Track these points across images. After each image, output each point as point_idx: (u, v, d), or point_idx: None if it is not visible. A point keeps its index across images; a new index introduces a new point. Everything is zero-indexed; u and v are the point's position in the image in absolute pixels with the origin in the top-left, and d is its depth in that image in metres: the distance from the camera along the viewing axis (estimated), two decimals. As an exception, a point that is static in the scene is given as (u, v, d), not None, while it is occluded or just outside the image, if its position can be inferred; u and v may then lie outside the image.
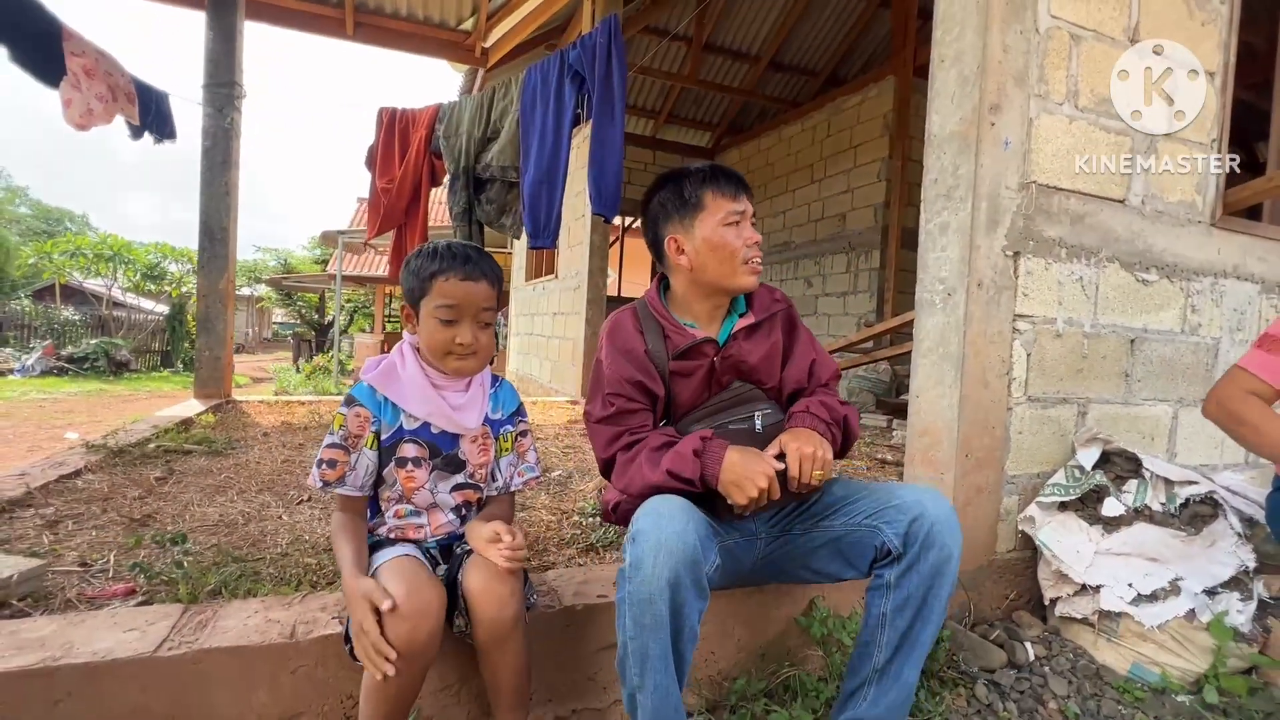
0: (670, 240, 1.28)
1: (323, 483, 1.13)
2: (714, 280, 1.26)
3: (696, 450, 1.12)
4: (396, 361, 1.18)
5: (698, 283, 1.28)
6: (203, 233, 4.31)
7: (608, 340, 1.28)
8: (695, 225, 1.25)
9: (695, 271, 1.26)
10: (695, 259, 1.25)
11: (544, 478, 2.57)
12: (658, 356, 1.26)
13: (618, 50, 3.26)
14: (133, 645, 1.07)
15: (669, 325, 1.28)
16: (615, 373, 1.24)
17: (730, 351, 1.28)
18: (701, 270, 1.26)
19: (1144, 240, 1.90)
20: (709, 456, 1.11)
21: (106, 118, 3.78)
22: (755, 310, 1.33)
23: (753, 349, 1.30)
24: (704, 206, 1.24)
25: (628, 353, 1.25)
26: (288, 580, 1.47)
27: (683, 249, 1.27)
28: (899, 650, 1.12)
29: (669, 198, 1.28)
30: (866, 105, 6.36)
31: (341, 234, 11.30)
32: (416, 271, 1.15)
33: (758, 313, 1.32)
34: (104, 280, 14.56)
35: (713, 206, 1.24)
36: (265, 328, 27.30)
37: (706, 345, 1.27)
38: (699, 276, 1.27)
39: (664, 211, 1.29)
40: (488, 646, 1.06)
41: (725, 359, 1.28)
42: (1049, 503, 1.72)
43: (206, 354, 4.39)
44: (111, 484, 2.20)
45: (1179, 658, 1.48)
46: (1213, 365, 2.05)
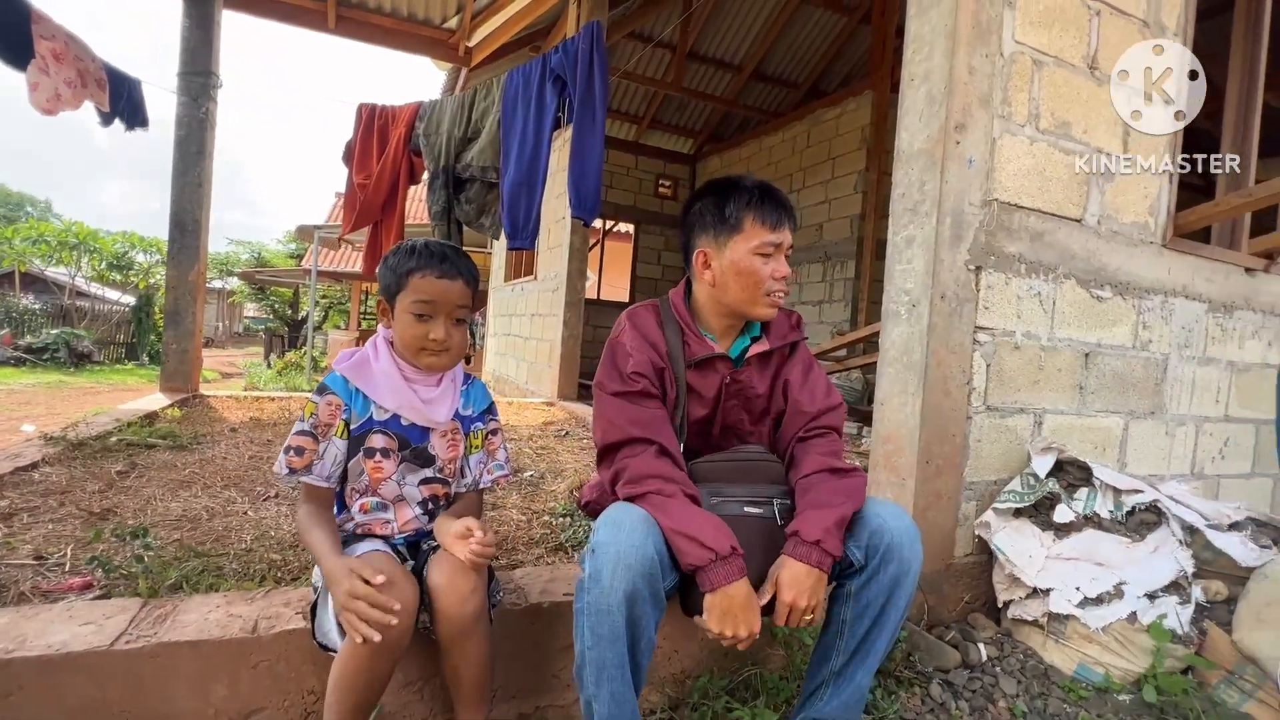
0: (700, 253, 1.27)
1: (289, 469, 1.13)
2: (732, 304, 1.26)
3: (719, 555, 1.03)
4: (370, 354, 1.19)
5: (717, 300, 1.28)
6: (174, 223, 4.22)
7: (630, 325, 1.27)
8: (728, 246, 1.23)
9: (716, 289, 1.26)
10: (719, 278, 1.25)
11: (516, 478, 2.58)
12: (677, 360, 1.26)
13: (600, 56, 3.29)
14: (89, 638, 1.06)
15: (689, 332, 1.28)
16: (640, 355, 1.22)
17: (741, 377, 1.28)
18: (723, 290, 1.25)
19: (1099, 259, 1.98)
20: (723, 569, 1.03)
21: (75, 103, 3.69)
22: (771, 336, 1.31)
23: (761, 380, 1.30)
24: (741, 229, 1.22)
25: (652, 343, 1.25)
26: (251, 576, 1.46)
27: (709, 264, 1.26)
28: (855, 655, 1.16)
29: (709, 209, 1.25)
30: (845, 118, 6.49)
31: (318, 229, 11.13)
32: (394, 267, 1.17)
33: (773, 340, 1.31)
34: (67, 269, 14.10)
35: (750, 232, 1.21)
36: (236, 322, 26.71)
37: (720, 362, 1.28)
38: (719, 295, 1.26)
39: (701, 221, 1.27)
40: (449, 642, 1.07)
41: (734, 383, 1.28)
42: (1005, 509, 1.78)
43: (174, 347, 4.30)
44: (70, 477, 2.15)
45: (1121, 658, 1.54)
46: (1161, 380, 2.15)
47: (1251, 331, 2.36)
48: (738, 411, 1.31)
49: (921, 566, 1.67)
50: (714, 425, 1.32)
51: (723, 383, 1.28)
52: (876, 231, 6.03)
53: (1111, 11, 1.96)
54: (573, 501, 2.22)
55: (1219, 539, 1.67)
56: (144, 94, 4.30)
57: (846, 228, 6.41)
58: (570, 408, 4.81)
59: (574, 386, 5.29)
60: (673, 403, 1.26)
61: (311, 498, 1.16)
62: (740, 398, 1.29)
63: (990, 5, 1.73)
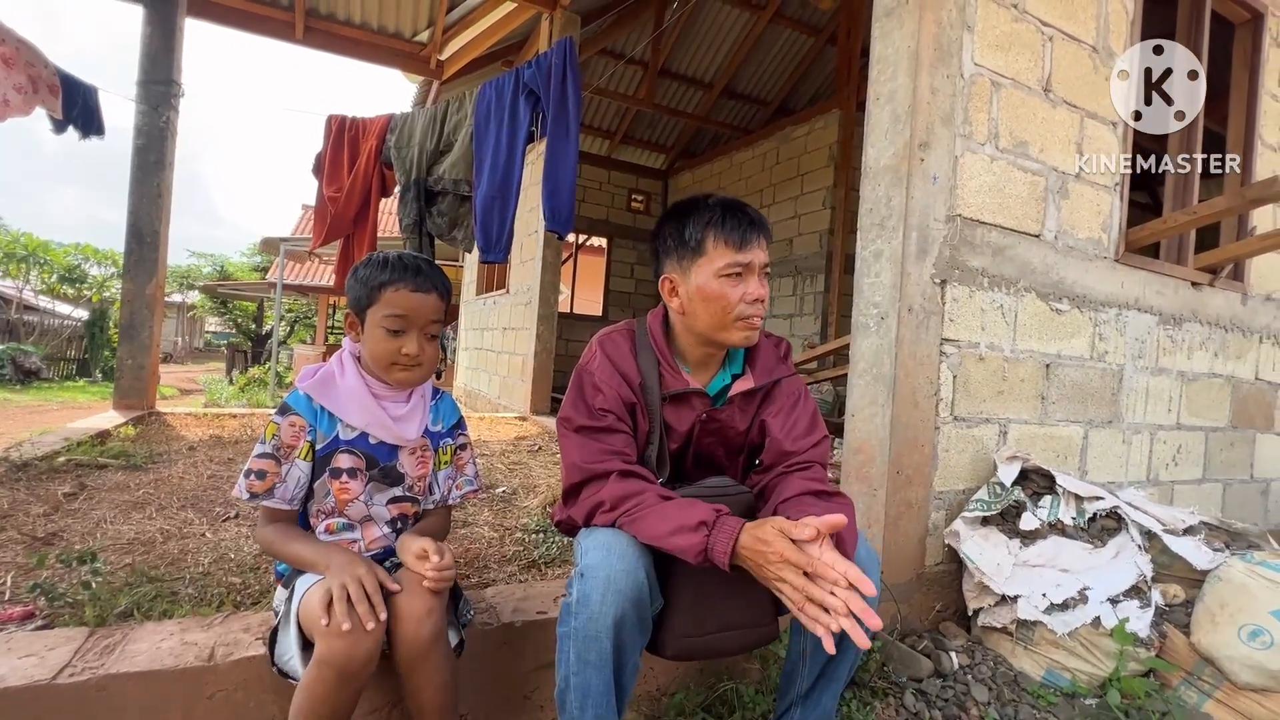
0: (665, 280, 1.19)
1: (249, 494, 1.09)
2: (703, 331, 1.17)
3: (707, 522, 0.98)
4: (335, 370, 1.16)
5: (688, 328, 1.19)
6: (131, 235, 4.08)
7: (601, 352, 1.19)
8: (692, 271, 1.14)
9: (686, 317, 1.18)
10: (687, 305, 1.16)
11: (488, 494, 2.53)
12: (651, 392, 1.17)
13: (573, 72, 3.31)
14: (28, 672, 1.00)
15: (665, 362, 1.19)
16: (610, 389, 1.14)
17: (720, 415, 1.20)
18: (692, 318, 1.16)
19: (1057, 272, 2.05)
20: (722, 533, 0.97)
21: (25, 109, 3.55)
22: (756, 372, 1.22)
23: (742, 418, 1.22)
24: (704, 252, 1.12)
25: (623, 374, 1.16)
26: (209, 600, 1.40)
27: (676, 291, 1.17)
28: (819, 680, 1.17)
29: (671, 232, 1.17)
30: (813, 136, 6.64)
31: (284, 241, 10.88)
32: (365, 280, 1.13)
33: (758, 376, 1.21)
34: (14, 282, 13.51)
35: (713, 253, 1.12)
36: (197, 337, 25.87)
37: (696, 398, 1.19)
38: (690, 323, 1.18)
39: (664, 247, 1.19)
40: (408, 666, 1.04)
41: (712, 421, 1.21)
42: (973, 517, 1.81)
43: (129, 362, 4.13)
44: (13, 500, 2.04)
45: (1086, 663, 1.57)
46: (1118, 390, 2.22)
47: (1199, 342, 2.47)
48: (714, 447, 1.25)
49: (891, 574, 1.69)
50: (686, 458, 1.26)
51: (697, 419, 1.20)
52: (845, 246, 6.15)
53: (1063, 37, 2.05)
54: (546, 517, 2.19)
55: (1175, 543, 1.72)
56: (100, 101, 4.17)
57: (816, 242, 6.53)
58: (543, 422, 4.77)
59: (546, 401, 5.24)
60: (644, 435, 1.19)
61: (274, 519, 1.12)
62: (718, 435, 1.23)
63: (951, 28, 1.79)
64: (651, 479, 1.13)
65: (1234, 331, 2.60)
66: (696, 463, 1.28)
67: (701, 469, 1.28)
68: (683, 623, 1.08)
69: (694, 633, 1.08)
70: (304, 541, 1.10)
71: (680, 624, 1.08)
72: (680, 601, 1.09)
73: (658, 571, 1.07)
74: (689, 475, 1.28)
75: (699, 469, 1.28)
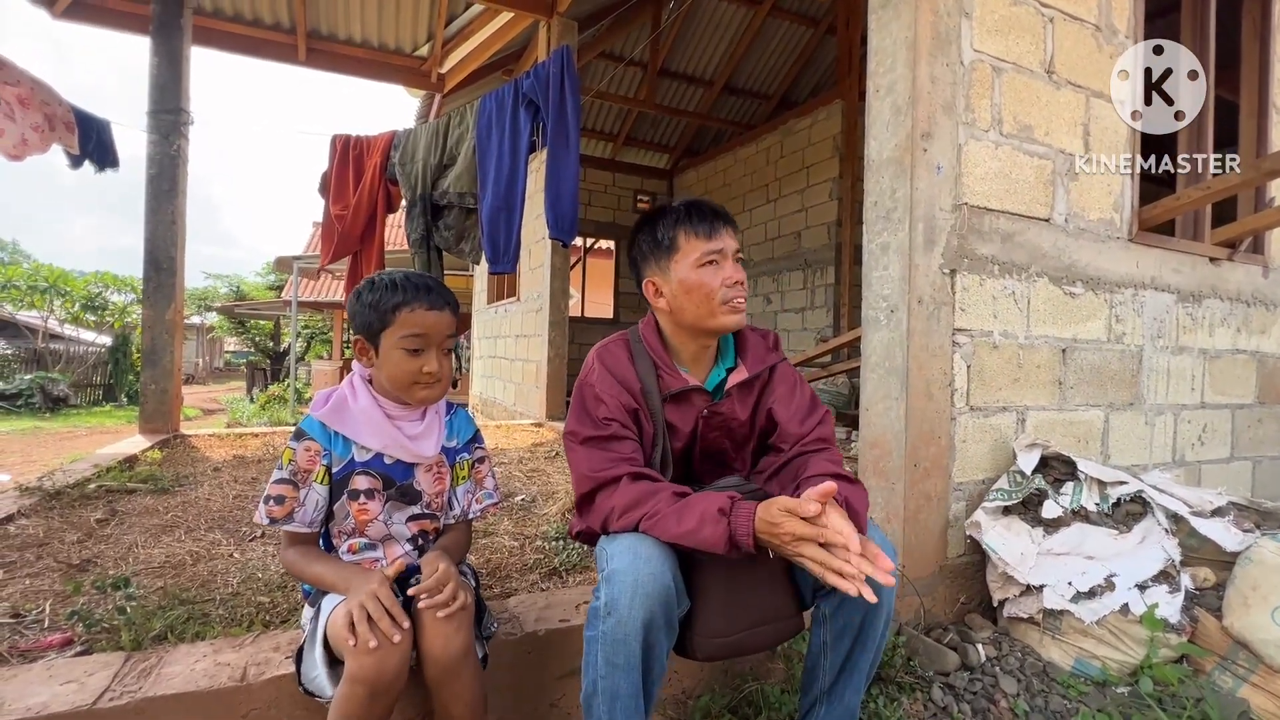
0: (648, 284, 1.25)
1: (269, 519, 1.11)
2: (693, 322, 1.21)
3: (724, 509, 1.01)
4: (347, 394, 1.17)
5: (679, 325, 1.24)
6: (148, 262, 4.17)
7: (599, 362, 1.24)
8: (671, 267, 1.21)
9: (674, 314, 1.23)
10: (673, 301, 1.22)
11: (507, 502, 2.55)
12: (652, 395, 1.21)
13: (571, 80, 3.33)
14: (70, 698, 1.03)
15: (662, 365, 1.24)
16: (612, 398, 1.18)
17: (721, 409, 1.25)
18: (680, 313, 1.22)
19: (1069, 256, 2.03)
20: (741, 517, 1.00)
21: (43, 147, 3.65)
22: (748, 363, 1.27)
23: (743, 408, 1.26)
24: (678, 248, 1.20)
25: (623, 380, 1.20)
26: (239, 620, 1.43)
27: (660, 291, 1.23)
28: (841, 673, 1.17)
29: (644, 239, 1.25)
30: (817, 128, 6.60)
31: (296, 259, 11.05)
32: (374, 304, 1.13)
33: (751, 366, 1.27)
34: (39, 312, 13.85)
35: (686, 247, 1.20)
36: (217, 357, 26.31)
37: (696, 394, 1.24)
38: (679, 319, 1.23)
39: (642, 254, 1.26)
40: (436, 682, 1.05)
41: (714, 415, 1.24)
42: (994, 507, 1.79)
43: (152, 387, 4.22)
44: (48, 528, 2.09)
45: (1117, 650, 1.55)
46: (1137, 371, 2.19)
47: (1220, 319, 2.42)
48: (720, 440, 1.28)
49: (913, 567, 1.68)
50: (693, 454, 1.28)
51: (699, 415, 1.24)
52: (854, 237, 6.10)
53: (1064, 18, 2.02)
54: (565, 524, 2.21)
55: (1203, 525, 1.69)
56: (114, 134, 4.27)
57: (824, 235, 6.49)
58: (559, 427, 4.79)
59: (562, 406, 5.27)
60: (650, 439, 1.22)
61: (296, 542, 1.14)
62: (722, 429, 1.26)
63: (948, 16, 1.77)
64: (660, 476, 1.16)
65: (1256, 306, 2.54)
66: (704, 458, 1.29)
67: (709, 463, 1.30)
68: (712, 623, 1.09)
69: (725, 632, 1.09)
70: (325, 563, 1.12)
71: (710, 625, 1.09)
72: (708, 602, 1.10)
73: (684, 573, 1.09)
74: (697, 471, 1.30)
75: (707, 464, 1.30)
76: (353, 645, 0.95)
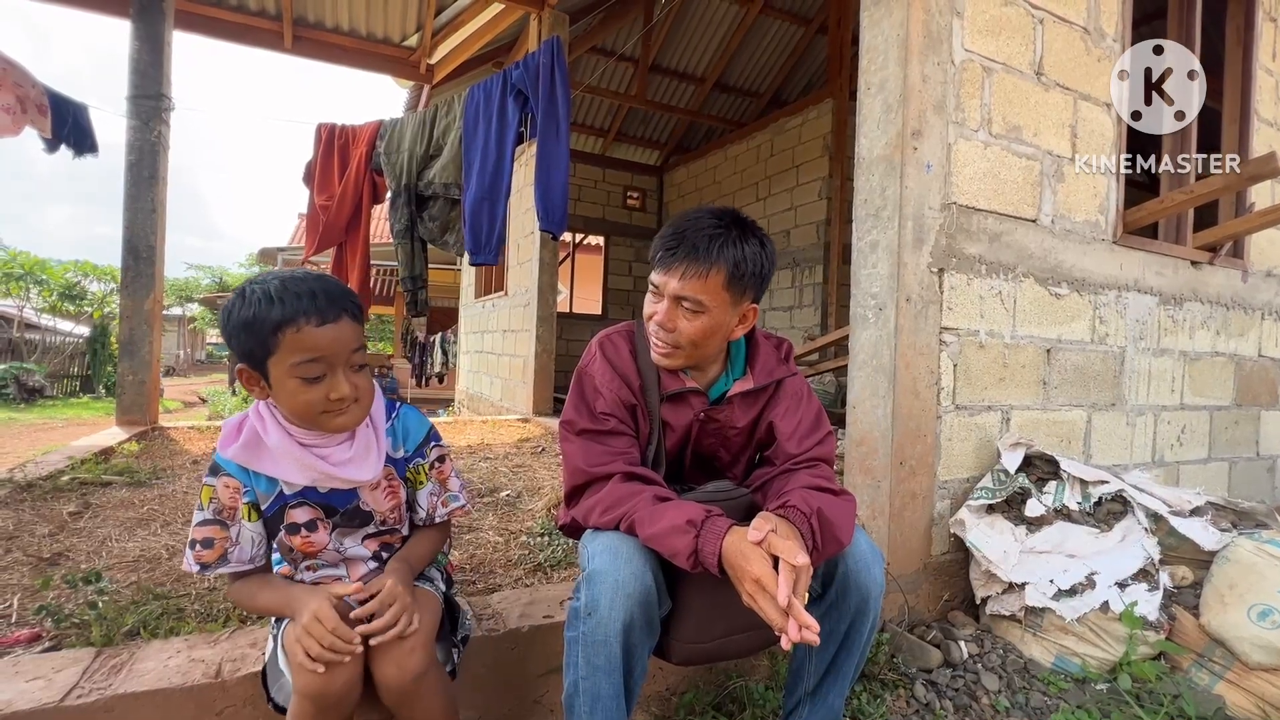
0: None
1: (200, 566, 0.99)
2: None
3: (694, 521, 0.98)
4: (258, 427, 1.00)
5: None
6: (127, 251, 4.08)
7: (601, 354, 1.20)
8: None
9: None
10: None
11: (493, 498, 2.53)
12: (651, 392, 1.18)
13: (561, 71, 3.30)
14: (36, 695, 1.00)
15: None
16: (611, 392, 1.15)
17: (719, 415, 1.21)
18: None
19: (1055, 257, 2.04)
20: (710, 533, 0.97)
21: (14, 130, 3.55)
22: (756, 374, 1.22)
23: (743, 416, 1.22)
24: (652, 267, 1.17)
25: (623, 374, 1.17)
26: (215, 616, 1.40)
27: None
28: (826, 676, 1.16)
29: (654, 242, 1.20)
30: (807, 126, 6.61)
31: (281, 251, 10.91)
32: (250, 325, 0.91)
33: (758, 377, 1.22)
34: (15, 301, 13.53)
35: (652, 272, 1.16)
36: (199, 349, 25.93)
37: (694, 397, 1.20)
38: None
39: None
40: (395, 705, 0.98)
41: (710, 420, 1.21)
42: (978, 505, 1.81)
43: (130, 378, 4.14)
44: (18, 521, 2.04)
45: (1096, 648, 1.57)
46: (1119, 372, 2.21)
47: (1200, 321, 2.45)
48: (714, 446, 1.25)
49: (898, 565, 1.69)
50: (685, 458, 1.26)
51: (695, 417, 1.21)
52: (843, 236, 6.13)
53: (1054, 19, 2.03)
54: (550, 520, 2.19)
55: (1182, 525, 1.71)
56: (91, 119, 4.17)
57: (813, 233, 6.50)
58: (546, 423, 4.77)
59: (549, 401, 5.24)
60: (645, 436, 1.20)
61: (239, 578, 1.04)
62: (717, 435, 1.23)
63: (939, 15, 1.77)
64: (655, 481, 1.13)
65: (1235, 309, 2.58)
66: (696, 463, 1.27)
67: (701, 470, 1.27)
68: (689, 629, 1.07)
69: (701, 639, 1.08)
70: (270, 590, 1.02)
71: (687, 630, 1.07)
72: (687, 606, 1.08)
73: (665, 574, 1.07)
74: (687, 476, 1.28)
75: (698, 470, 1.27)
76: (299, 661, 0.90)
